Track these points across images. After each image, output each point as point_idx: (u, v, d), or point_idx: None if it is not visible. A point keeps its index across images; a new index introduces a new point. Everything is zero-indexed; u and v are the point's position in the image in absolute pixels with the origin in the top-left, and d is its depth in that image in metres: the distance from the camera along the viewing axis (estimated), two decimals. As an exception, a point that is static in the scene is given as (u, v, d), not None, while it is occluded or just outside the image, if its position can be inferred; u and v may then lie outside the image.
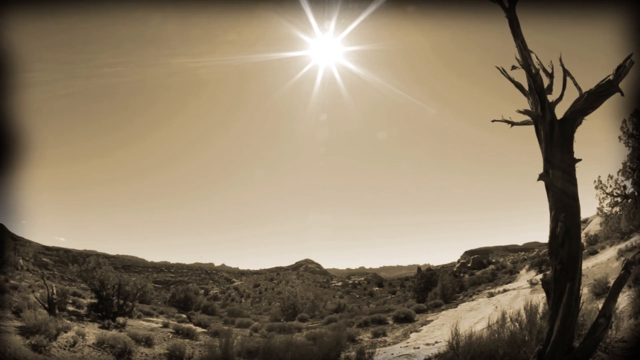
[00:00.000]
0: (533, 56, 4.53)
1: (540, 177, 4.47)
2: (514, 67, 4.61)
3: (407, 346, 9.53)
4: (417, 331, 12.23)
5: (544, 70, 4.60)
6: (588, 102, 4.32)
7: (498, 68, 4.69)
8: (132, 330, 9.59)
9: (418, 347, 9.06)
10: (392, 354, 8.23)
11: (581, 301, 4.20)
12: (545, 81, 4.60)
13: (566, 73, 4.54)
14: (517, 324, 6.15)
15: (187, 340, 10.32)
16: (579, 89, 4.44)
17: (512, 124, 4.77)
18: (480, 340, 5.65)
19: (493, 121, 4.77)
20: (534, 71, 4.46)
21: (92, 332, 8.62)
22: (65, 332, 7.81)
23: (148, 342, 8.64)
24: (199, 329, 12.88)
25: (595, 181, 13.04)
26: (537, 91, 4.50)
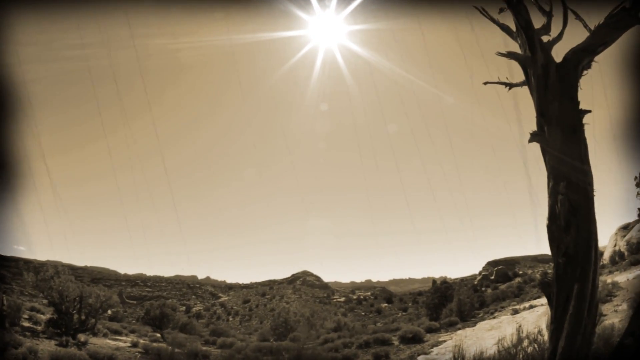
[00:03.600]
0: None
1: (533, 138, 3.96)
2: (502, 10, 4.20)
3: (412, 370, 9.50)
4: (425, 353, 12.20)
5: (540, 8, 4.16)
6: (597, 38, 3.82)
7: (477, 7, 4.25)
8: (93, 348, 9.63)
9: (424, 371, 9.04)
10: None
11: (605, 315, 3.87)
12: (542, 21, 4.14)
13: (566, 6, 4.07)
14: (535, 345, 6.09)
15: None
16: (587, 26, 3.96)
17: (510, 85, 4.42)
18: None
19: (486, 83, 4.51)
20: (515, 0, 4.00)
21: (46, 349, 8.67)
22: (16, 348, 7.87)
23: (110, 363, 8.68)
24: (175, 350, 12.91)
25: (635, 177, 12.87)
26: (521, 26, 4.00)
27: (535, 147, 3.94)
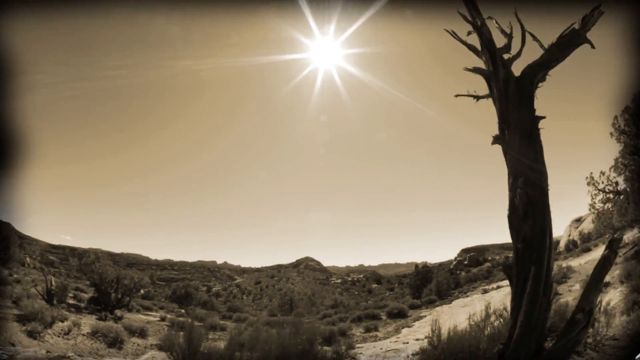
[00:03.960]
0: (493, 22, 4.15)
1: (495, 141, 3.93)
2: (470, 32, 4.18)
3: (397, 341, 9.49)
4: (409, 326, 12.20)
5: (503, 31, 4.19)
6: (550, 55, 3.86)
7: (447, 31, 4.24)
8: (127, 322, 9.63)
9: (407, 342, 9.03)
10: (381, 349, 8.20)
11: (561, 294, 3.82)
12: (503, 41, 4.17)
13: (524, 29, 4.08)
14: (501, 319, 6.07)
15: (181, 333, 10.34)
16: (542, 45, 3.99)
17: (477, 97, 4.36)
18: (462, 335, 5.55)
19: (457, 96, 4.44)
20: (479, 23, 4.00)
21: (88, 322, 8.67)
22: (62, 321, 7.90)
23: (142, 334, 8.70)
24: (196, 323, 12.93)
25: (587, 177, 12.82)
26: (485, 45, 4.03)
27: (498, 148, 3.93)
